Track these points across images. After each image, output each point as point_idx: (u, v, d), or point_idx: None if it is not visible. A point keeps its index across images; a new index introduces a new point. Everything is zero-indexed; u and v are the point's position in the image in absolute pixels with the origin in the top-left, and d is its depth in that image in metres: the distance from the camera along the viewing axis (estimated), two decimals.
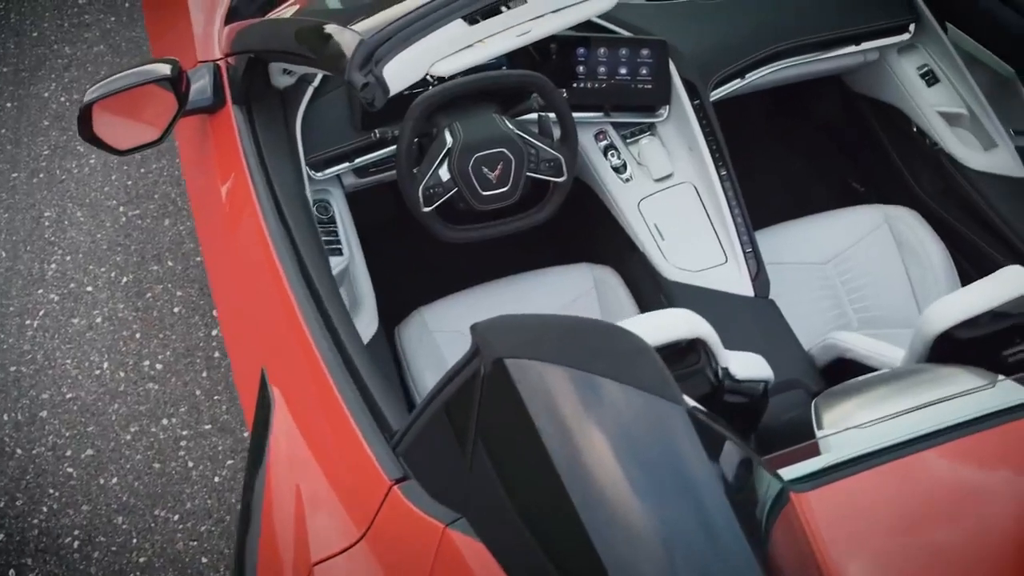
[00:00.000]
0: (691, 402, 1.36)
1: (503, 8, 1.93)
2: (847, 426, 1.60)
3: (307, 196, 2.30)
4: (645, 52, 2.46)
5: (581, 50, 2.45)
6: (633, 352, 1.36)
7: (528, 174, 2.27)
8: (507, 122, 2.25)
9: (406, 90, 2.14)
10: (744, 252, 2.36)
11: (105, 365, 3.06)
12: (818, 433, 1.64)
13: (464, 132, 2.22)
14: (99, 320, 3.17)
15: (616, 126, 2.56)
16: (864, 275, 2.57)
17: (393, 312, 2.54)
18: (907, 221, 2.62)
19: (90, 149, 3.64)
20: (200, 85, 2.35)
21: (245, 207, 2.13)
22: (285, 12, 2.45)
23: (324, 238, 2.38)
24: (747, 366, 1.74)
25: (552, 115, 2.29)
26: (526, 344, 1.39)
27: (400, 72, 1.87)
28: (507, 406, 1.36)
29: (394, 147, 2.34)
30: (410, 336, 2.44)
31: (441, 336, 2.45)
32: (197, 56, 2.50)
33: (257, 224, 2.07)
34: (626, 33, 2.53)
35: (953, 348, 1.84)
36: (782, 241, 2.62)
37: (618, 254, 2.53)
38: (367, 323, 2.32)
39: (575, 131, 2.28)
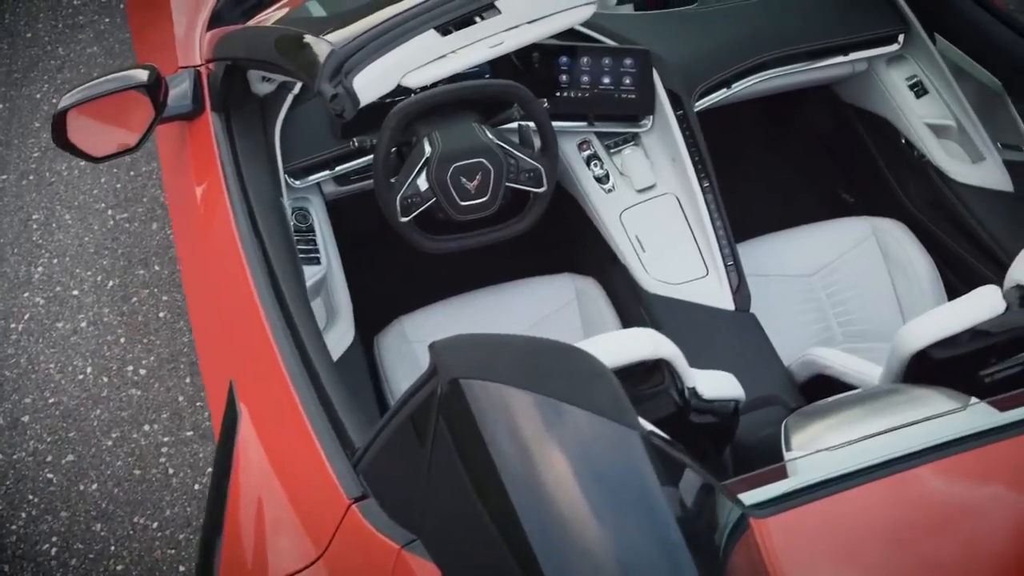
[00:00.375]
0: (648, 426, 1.34)
1: (477, 19, 1.90)
2: (816, 448, 1.57)
3: (284, 205, 2.28)
4: (628, 62, 2.43)
5: (564, 59, 2.43)
6: (590, 375, 1.34)
7: (507, 184, 2.26)
8: (487, 132, 2.23)
9: (386, 98, 2.13)
10: (725, 265, 2.34)
11: (88, 370, 3.05)
12: (786, 455, 1.61)
13: (443, 142, 2.21)
14: (84, 324, 3.16)
15: (600, 136, 2.54)
16: (850, 288, 2.55)
17: (376, 321, 2.52)
18: (894, 234, 2.59)
19: None
20: (180, 91, 2.34)
21: (219, 217, 2.12)
22: (268, 19, 2.44)
23: (302, 247, 2.36)
24: (715, 386, 1.72)
25: (533, 125, 2.27)
26: (483, 365, 1.37)
27: (371, 83, 1.85)
28: (463, 427, 1.34)
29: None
30: (389, 346, 2.42)
31: (420, 346, 2.43)
32: (178, 61, 2.49)
33: (230, 234, 2.06)
34: (610, 42, 2.51)
35: (929, 367, 1.82)
36: (768, 253, 2.59)
37: (600, 265, 2.51)
38: (343, 334, 2.30)
39: (555, 141, 2.27)
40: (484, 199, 2.25)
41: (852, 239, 2.61)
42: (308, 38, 2.00)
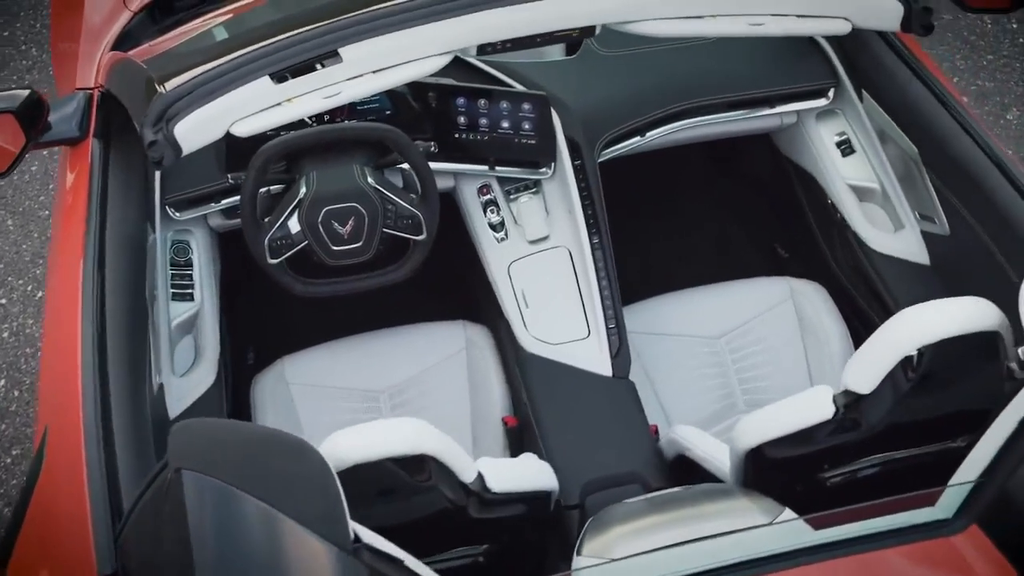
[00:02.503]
0: (368, 536, 1.24)
1: (318, 66, 1.81)
2: (603, 559, 1.46)
3: (154, 240, 2.21)
4: (527, 106, 2.32)
5: (460, 100, 2.33)
6: (310, 478, 1.25)
7: (385, 231, 2.17)
8: (368, 175, 2.14)
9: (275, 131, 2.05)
10: (607, 328, 2.22)
11: (2, 382, 3.02)
12: (575, 561, 1.51)
13: (318, 183, 2.12)
14: (6, 335, 3.13)
15: (501, 181, 2.43)
16: (761, 352, 2.42)
17: (266, 358, 2.45)
18: (811, 297, 2.45)
19: (34, 155, 3.61)
20: (66, 114, 2.27)
21: (70, 250, 2.05)
22: (171, 43, 2.37)
23: (176, 282, 2.30)
24: (511, 477, 1.60)
25: None
26: (208, 456, 1.29)
27: (194, 130, 1.77)
28: (179, 519, 1.26)
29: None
30: (264, 387, 2.35)
31: (297, 388, 2.35)
32: (75, 82, 2.43)
33: (75, 270, 1.99)
34: (518, 85, 2.40)
35: (767, 464, 1.69)
36: (679, 310, 2.47)
37: (491, 315, 2.41)
38: (204, 375, 2.22)
39: (434, 188, 2.17)
40: (358, 245, 2.16)
41: (769, 300, 2.47)
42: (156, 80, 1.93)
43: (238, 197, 2.35)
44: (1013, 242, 1.94)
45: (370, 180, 2.14)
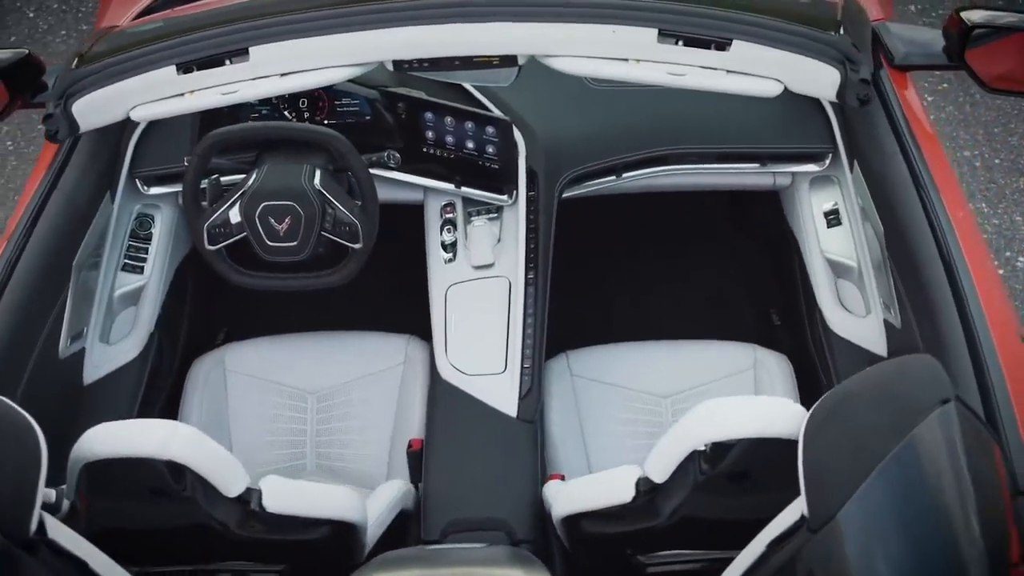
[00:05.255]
0: (61, 533, 1.23)
1: (228, 61, 1.82)
2: None
3: (110, 210, 2.28)
4: (490, 130, 2.27)
5: (429, 115, 2.29)
6: (10, 460, 1.25)
7: (323, 234, 2.17)
8: (317, 177, 2.14)
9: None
10: (522, 367, 2.14)
11: None
12: None
13: (264, 178, 2.15)
14: None
15: (466, 202, 2.39)
16: None
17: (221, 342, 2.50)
18: (772, 370, 2.31)
19: None
20: None
21: (18, 211, 2.13)
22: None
23: (130, 254, 2.37)
24: (296, 500, 1.55)
25: None
26: None
27: (92, 109, 1.81)
28: None
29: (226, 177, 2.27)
30: (200, 371, 2.38)
31: (232, 376, 2.38)
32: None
33: (9, 229, 2.07)
34: (494, 108, 2.34)
35: (581, 534, 1.60)
36: (636, 361, 2.37)
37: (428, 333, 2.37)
38: (130, 347, 2.28)
39: (375, 199, 2.15)
40: (293, 244, 2.17)
41: (730, 367, 2.34)
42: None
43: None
44: (939, 352, 1.75)
45: (316, 182, 2.14)
